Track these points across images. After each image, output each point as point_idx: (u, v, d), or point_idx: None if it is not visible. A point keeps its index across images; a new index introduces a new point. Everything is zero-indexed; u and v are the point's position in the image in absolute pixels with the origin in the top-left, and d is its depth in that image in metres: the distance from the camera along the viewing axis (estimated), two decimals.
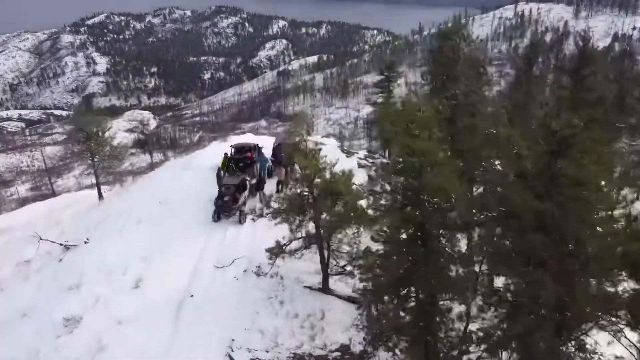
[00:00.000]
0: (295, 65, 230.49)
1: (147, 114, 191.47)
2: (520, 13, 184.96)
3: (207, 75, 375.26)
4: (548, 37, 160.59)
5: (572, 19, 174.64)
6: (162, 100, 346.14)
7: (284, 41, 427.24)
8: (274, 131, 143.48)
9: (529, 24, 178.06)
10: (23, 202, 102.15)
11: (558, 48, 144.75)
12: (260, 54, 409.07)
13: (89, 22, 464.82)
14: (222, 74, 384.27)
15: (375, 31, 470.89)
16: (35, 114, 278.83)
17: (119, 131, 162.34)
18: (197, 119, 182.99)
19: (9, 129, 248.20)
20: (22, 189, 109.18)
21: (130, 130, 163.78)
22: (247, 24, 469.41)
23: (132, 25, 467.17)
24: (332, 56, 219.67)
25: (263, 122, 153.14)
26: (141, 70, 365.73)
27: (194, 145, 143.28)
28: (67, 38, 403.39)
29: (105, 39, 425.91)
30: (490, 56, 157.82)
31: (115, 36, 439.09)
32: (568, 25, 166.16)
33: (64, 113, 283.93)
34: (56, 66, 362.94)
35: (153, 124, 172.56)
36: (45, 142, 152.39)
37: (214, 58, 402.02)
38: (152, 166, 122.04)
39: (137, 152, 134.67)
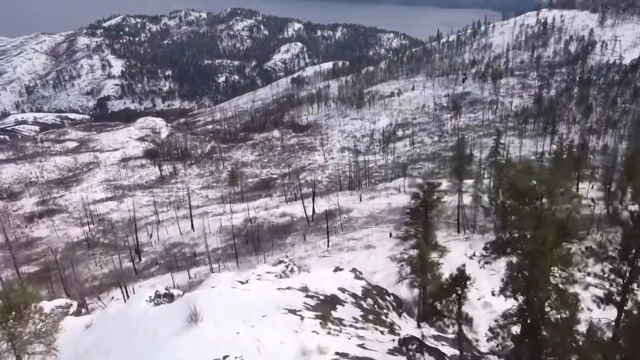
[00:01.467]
0: (309, 71, 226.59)
1: (159, 121, 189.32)
2: (542, 21, 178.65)
3: (221, 79, 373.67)
4: (572, 47, 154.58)
5: (598, 27, 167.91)
6: (177, 103, 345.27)
7: (299, 44, 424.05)
8: (287, 142, 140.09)
9: (552, 32, 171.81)
10: (30, 218, 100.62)
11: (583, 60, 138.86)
12: (275, 57, 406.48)
13: (106, 24, 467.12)
14: (236, 77, 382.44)
15: (392, 34, 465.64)
16: (50, 117, 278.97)
17: (130, 140, 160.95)
18: (210, 126, 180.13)
19: (24, 133, 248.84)
20: (29, 202, 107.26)
21: (141, 139, 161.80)
22: (262, 27, 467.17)
23: (147, 28, 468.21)
24: (348, 63, 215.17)
25: (276, 133, 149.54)
26: (156, 73, 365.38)
27: (205, 157, 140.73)
28: (83, 40, 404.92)
29: (121, 41, 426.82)
30: (512, 66, 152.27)
31: (131, 38, 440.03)
32: (593, 34, 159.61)
33: (78, 116, 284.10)
34: (72, 69, 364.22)
35: (165, 132, 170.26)
36: (56, 151, 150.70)
37: (229, 61, 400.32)
38: (162, 179, 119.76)
39: (147, 163, 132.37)
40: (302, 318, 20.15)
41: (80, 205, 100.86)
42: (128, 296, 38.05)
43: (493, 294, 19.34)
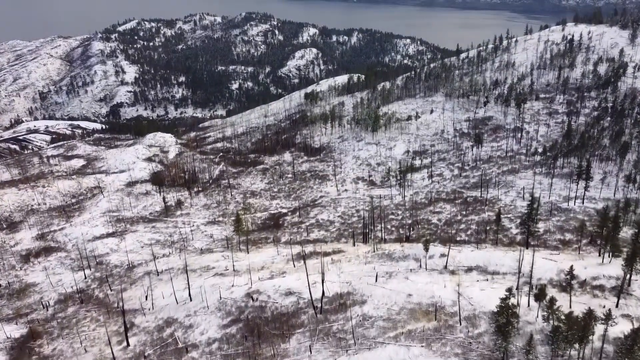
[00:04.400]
0: (324, 86, 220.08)
1: (168, 137, 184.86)
2: (568, 37, 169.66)
3: (234, 86, 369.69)
4: (601, 68, 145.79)
5: (628, 46, 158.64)
6: (189, 111, 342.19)
7: (314, 50, 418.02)
8: (299, 168, 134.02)
9: (579, 50, 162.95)
10: (26, 257, 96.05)
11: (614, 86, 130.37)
12: (289, 63, 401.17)
13: (121, 28, 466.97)
14: (250, 84, 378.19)
15: (408, 40, 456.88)
16: (62, 126, 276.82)
17: (138, 160, 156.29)
18: (220, 144, 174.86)
19: (35, 142, 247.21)
20: (28, 236, 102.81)
21: (149, 159, 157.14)
22: (277, 32, 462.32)
23: (162, 32, 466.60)
24: (363, 77, 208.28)
25: (287, 156, 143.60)
26: (169, 79, 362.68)
27: (213, 182, 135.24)
28: (97, 45, 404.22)
29: (135, 46, 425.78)
30: (536, 88, 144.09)
31: (145, 43, 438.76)
32: (624, 54, 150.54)
33: (90, 125, 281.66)
34: (86, 75, 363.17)
35: (173, 151, 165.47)
36: (62, 172, 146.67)
37: (243, 67, 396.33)
38: (166, 211, 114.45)
39: (152, 190, 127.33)
40: None
41: (79, 242, 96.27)
42: None
43: None
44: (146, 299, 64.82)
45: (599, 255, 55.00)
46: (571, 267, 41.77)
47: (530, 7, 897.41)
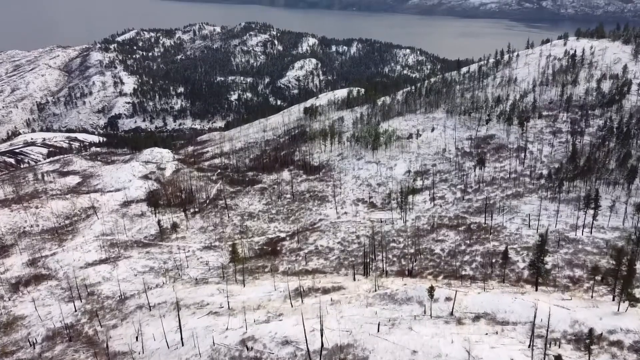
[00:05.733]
0: (323, 100, 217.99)
1: (166, 153, 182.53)
2: (571, 52, 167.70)
3: (234, 97, 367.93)
4: (605, 85, 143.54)
5: (631, 62, 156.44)
6: (188, 122, 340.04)
7: (314, 60, 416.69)
8: (298, 188, 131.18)
9: (581, 66, 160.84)
10: (15, 285, 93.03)
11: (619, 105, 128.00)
12: (288, 74, 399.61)
13: (120, 38, 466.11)
14: (249, 94, 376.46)
15: (408, 50, 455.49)
16: (59, 138, 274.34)
17: (134, 178, 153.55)
18: (217, 160, 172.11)
19: (31, 155, 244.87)
20: (18, 262, 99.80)
21: (145, 177, 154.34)
22: (276, 42, 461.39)
23: (161, 42, 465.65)
24: (363, 90, 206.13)
25: (286, 175, 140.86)
26: (168, 90, 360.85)
27: (210, 203, 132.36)
28: (96, 56, 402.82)
29: (134, 56, 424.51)
30: (539, 105, 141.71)
31: (144, 53, 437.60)
32: (627, 70, 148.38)
33: (87, 137, 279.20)
34: (84, 85, 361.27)
35: (170, 168, 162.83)
36: (56, 190, 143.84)
37: (242, 78, 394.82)
38: (161, 234, 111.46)
39: (147, 212, 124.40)
40: None
41: (70, 270, 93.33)
42: None
43: None
44: (137, 339, 61.81)
45: (613, 299, 52.20)
46: (590, 330, 39.11)
47: (528, 16, 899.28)
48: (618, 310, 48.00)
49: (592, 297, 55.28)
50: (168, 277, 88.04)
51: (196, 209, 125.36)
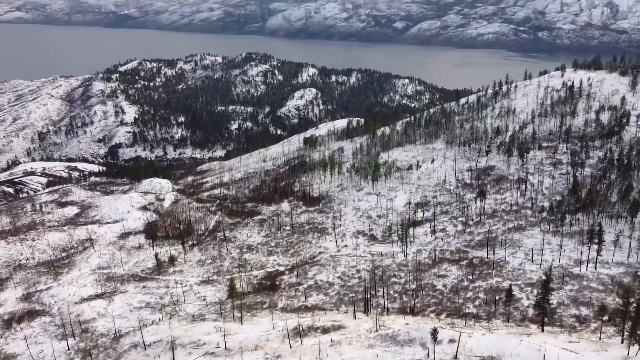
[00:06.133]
0: (323, 130, 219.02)
1: (165, 183, 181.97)
2: (568, 84, 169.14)
3: (234, 126, 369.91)
4: (604, 117, 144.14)
5: (629, 93, 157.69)
6: (188, 152, 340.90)
7: (313, 90, 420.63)
8: (297, 220, 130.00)
9: (579, 97, 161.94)
10: (8, 322, 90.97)
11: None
12: (289, 103, 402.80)
13: (122, 68, 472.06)
14: (249, 124, 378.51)
15: (407, 80, 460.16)
16: (59, 168, 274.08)
17: (132, 209, 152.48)
18: (217, 191, 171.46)
19: (31, 185, 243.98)
20: (12, 296, 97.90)
21: (144, 208, 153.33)
22: (276, 72, 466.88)
23: (163, 72, 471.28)
24: (363, 121, 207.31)
25: (285, 206, 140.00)
26: (169, 120, 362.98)
27: (208, 235, 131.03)
28: (98, 86, 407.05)
29: (136, 86, 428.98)
30: (539, 136, 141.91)
31: (146, 83, 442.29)
32: (625, 101, 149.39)
33: (87, 167, 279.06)
34: (85, 115, 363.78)
35: (169, 198, 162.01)
36: (54, 221, 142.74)
37: (242, 107, 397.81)
38: (159, 268, 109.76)
39: (145, 244, 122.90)
40: None
41: (65, 306, 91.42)
42: None
43: None
44: None
45: (622, 341, 50.60)
46: None
47: (525, 46, 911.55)
48: (628, 354, 46.46)
49: (600, 338, 53.69)
50: (164, 313, 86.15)
51: (194, 241, 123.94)
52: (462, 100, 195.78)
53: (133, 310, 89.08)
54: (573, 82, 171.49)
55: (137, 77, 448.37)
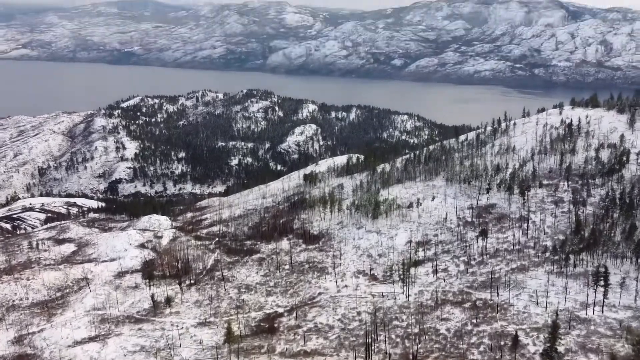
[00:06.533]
0: (323, 166, 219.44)
1: (164, 220, 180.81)
2: (567, 121, 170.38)
3: (234, 161, 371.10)
4: (603, 154, 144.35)
5: (628, 130, 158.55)
6: (188, 187, 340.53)
7: (313, 126, 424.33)
8: (297, 258, 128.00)
9: (578, 135, 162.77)
10: None
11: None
12: (289, 139, 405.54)
13: (124, 104, 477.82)
14: (249, 159, 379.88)
15: (406, 116, 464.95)
16: (58, 203, 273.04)
17: (130, 247, 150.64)
18: (216, 228, 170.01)
19: (29, 221, 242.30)
20: (4, 339, 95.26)
21: (142, 246, 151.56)
22: (277, 108, 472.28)
23: (165, 108, 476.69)
24: (362, 157, 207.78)
25: (284, 244, 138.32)
26: (169, 155, 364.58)
27: (206, 274, 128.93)
28: (100, 121, 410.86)
29: (137, 122, 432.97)
30: (539, 174, 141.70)
31: (147, 119, 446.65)
32: (624, 139, 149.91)
33: (86, 203, 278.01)
34: (86, 151, 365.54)
35: (168, 236, 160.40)
36: (49, 259, 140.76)
37: (243, 143, 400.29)
38: (155, 309, 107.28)
39: (141, 284, 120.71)
40: None
41: (57, 350, 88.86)
42: None
43: None
44: None
45: None
46: None
47: (522, 83, 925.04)
48: None
49: None
50: (159, 357, 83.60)
51: (192, 281, 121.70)
52: (462, 137, 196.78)
53: (127, 354, 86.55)
54: (571, 120, 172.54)
55: (138, 113, 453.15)
